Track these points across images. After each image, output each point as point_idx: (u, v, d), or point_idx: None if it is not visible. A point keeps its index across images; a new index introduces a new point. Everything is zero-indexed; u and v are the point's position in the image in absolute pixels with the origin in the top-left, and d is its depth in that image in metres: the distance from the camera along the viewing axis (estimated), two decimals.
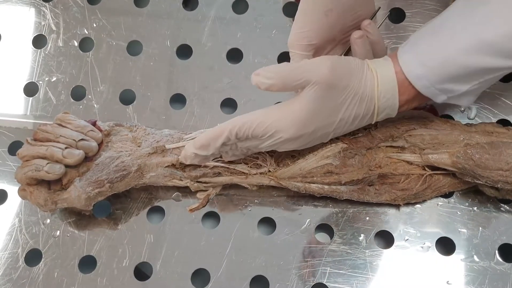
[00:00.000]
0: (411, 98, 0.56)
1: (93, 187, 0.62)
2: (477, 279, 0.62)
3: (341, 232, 0.65)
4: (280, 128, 0.55)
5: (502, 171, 0.58)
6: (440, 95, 0.55)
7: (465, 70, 0.52)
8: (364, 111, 0.56)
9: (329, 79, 0.53)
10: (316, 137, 0.57)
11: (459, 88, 0.54)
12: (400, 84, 0.55)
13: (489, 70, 0.52)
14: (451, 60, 0.52)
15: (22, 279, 0.66)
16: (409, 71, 0.54)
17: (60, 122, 0.65)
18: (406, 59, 0.54)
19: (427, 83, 0.54)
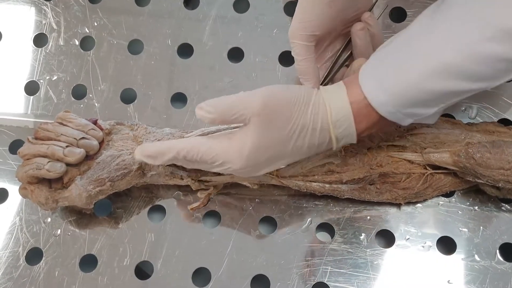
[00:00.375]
0: (372, 123, 0.54)
1: (94, 186, 0.62)
2: (478, 279, 0.62)
3: (342, 231, 0.65)
4: (228, 160, 0.54)
5: (503, 170, 0.58)
6: (406, 119, 0.53)
7: (430, 95, 0.50)
8: (318, 140, 0.55)
9: (262, 115, 0.52)
10: (272, 165, 0.56)
11: (426, 111, 0.53)
12: (362, 110, 0.53)
13: (455, 93, 0.50)
14: (414, 85, 0.50)
15: (23, 278, 0.66)
16: (372, 98, 0.52)
17: (61, 120, 0.65)
18: (369, 86, 0.52)
19: (391, 109, 0.52)
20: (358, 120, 0.54)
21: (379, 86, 0.51)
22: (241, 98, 0.53)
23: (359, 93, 0.53)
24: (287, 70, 0.73)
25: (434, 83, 0.49)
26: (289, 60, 0.73)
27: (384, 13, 0.73)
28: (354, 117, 0.54)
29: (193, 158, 0.55)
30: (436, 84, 0.49)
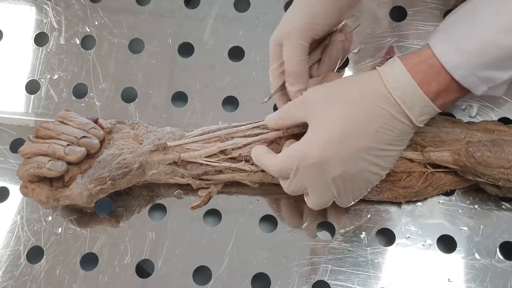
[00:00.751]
0: (444, 87, 0.51)
1: (95, 184, 0.62)
2: (478, 277, 0.62)
3: (343, 230, 0.65)
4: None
5: (503, 169, 0.58)
6: (480, 86, 0.50)
7: (504, 52, 0.48)
8: (390, 112, 0.52)
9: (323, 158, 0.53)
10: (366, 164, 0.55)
11: (501, 75, 0.50)
12: (429, 71, 0.50)
13: None
14: (491, 41, 0.47)
15: (23, 276, 0.67)
16: (446, 60, 0.49)
17: (62, 119, 0.65)
18: (441, 48, 0.50)
19: (466, 71, 0.49)
20: (426, 81, 0.51)
21: (452, 47, 0.49)
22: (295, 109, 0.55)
23: (424, 56, 0.51)
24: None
25: (507, 39, 0.47)
26: None
27: (385, 12, 0.73)
28: (421, 79, 0.51)
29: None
30: (507, 40, 0.47)
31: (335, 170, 0.53)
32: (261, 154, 0.59)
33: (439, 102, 0.52)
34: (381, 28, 0.73)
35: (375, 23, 0.73)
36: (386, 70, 0.52)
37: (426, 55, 0.51)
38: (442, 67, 0.50)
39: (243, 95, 0.73)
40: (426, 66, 0.51)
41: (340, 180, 0.54)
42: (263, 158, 0.58)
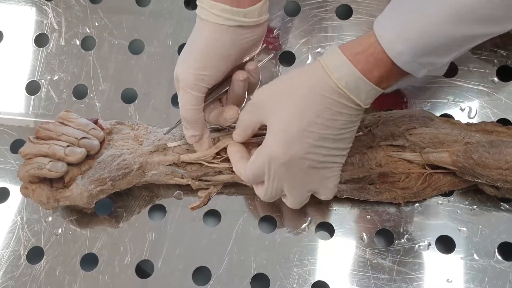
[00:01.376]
0: (385, 72, 0.52)
1: (95, 185, 0.62)
2: (476, 277, 0.62)
3: (342, 231, 0.65)
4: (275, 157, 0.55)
5: (501, 170, 0.58)
6: (421, 70, 0.52)
7: (447, 41, 0.50)
8: (337, 100, 0.53)
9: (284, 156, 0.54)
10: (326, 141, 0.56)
11: (441, 60, 0.52)
12: (369, 59, 0.52)
13: (472, 37, 0.50)
14: (435, 31, 0.49)
15: (24, 277, 0.67)
16: (388, 48, 0.50)
17: (62, 120, 0.65)
18: (385, 36, 0.51)
19: (408, 58, 0.50)
20: (368, 69, 0.52)
21: (396, 35, 0.50)
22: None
23: (365, 44, 0.52)
24: (287, 70, 0.73)
25: (451, 28, 0.49)
26: (289, 60, 0.74)
27: None
28: (362, 67, 0.52)
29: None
30: (452, 28, 0.49)
31: (303, 164, 0.55)
32: (235, 162, 0.60)
33: (383, 85, 0.54)
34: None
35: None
36: (328, 61, 0.53)
37: (368, 42, 0.52)
38: (384, 53, 0.51)
39: None
40: (367, 54, 0.52)
41: (310, 172, 0.56)
42: (237, 166, 0.60)
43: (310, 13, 0.75)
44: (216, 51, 0.56)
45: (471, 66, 0.70)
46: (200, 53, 0.56)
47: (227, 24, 0.56)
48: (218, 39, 0.56)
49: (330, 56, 0.53)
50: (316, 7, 0.75)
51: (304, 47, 0.74)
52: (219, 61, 0.57)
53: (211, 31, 0.56)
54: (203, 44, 0.56)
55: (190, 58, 0.57)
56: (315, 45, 0.74)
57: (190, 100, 0.57)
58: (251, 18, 0.56)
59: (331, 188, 0.59)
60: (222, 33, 0.56)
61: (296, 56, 0.73)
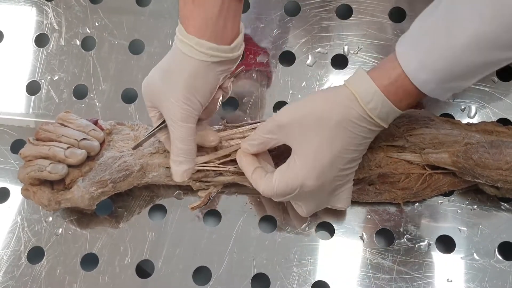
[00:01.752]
0: (413, 100, 0.54)
1: (96, 187, 0.62)
2: (477, 277, 0.62)
3: (342, 230, 0.65)
4: (301, 183, 0.56)
5: (501, 170, 0.58)
6: (445, 94, 0.54)
7: (471, 68, 0.51)
8: (367, 127, 0.55)
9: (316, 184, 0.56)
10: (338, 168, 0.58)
11: (466, 84, 0.53)
12: (399, 90, 0.53)
13: (494, 63, 0.51)
14: (456, 59, 0.50)
15: (24, 277, 0.67)
16: (414, 77, 0.52)
17: (62, 121, 0.65)
18: (410, 66, 0.52)
19: (434, 86, 0.52)
20: (397, 99, 0.54)
21: (421, 65, 0.51)
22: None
23: (394, 75, 0.53)
24: (287, 70, 0.73)
25: (473, 55, 0.50)
26: (290, 60, 0.74)
27: (385, 13, 0.74)
28: (393, 99, 0.53)
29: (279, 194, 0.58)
30: (474, 56, 0.50)
31: (329, 187, 0.58)
32: (250, 173, 0.60)
33: (406, 108, 0.56)
34: (380, 29, 0.73)
35: (374, 24, 0.73)
36: (360, 91, 0.54)
37: (396, 73, 0.53)
38: (411, 84, 0.53)
39: (242, 96, 0.73)
40: (397, 86, 0.53)
41: (329, 190, 0.59)
42: (253, 177, 0.59)
43: (310, 13, 0.75)
44: (204, 86, 0.58)
45: None
46: (189, 90, 0.57)
47: (213, 61, 0.57)
48: (205, 76, 0.57)
49: (361, 84, 0.54)
50: (316, 7, 0.75)
51: (304, 47, 0.74)
52: (206, 94, 0.58)
53: (197, 67, 0.56)
54: (191, 82, 0.57)
55: (178, 93, 0.57)
56: (315, 45, 0.74)
57: (187, 132, 0.58)
58: (235, 52, 0.58)
59: (348, 197, 0.61)
60: (208, 69, 0.57)
61: (296, 56, 0.73)
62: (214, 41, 0.56)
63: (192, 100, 0.57)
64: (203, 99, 0.58)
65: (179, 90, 0.57)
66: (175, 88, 0.57)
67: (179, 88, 0.57)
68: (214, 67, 0.57)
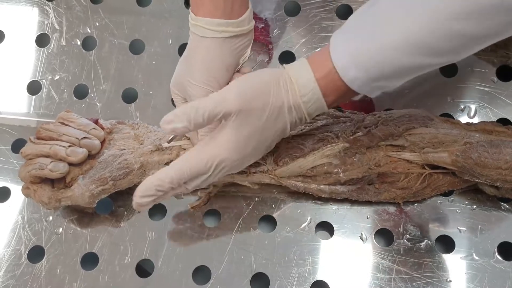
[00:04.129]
0: (341, 96, 0.56)
1: (96, 185, 0.63)
2: (476, 277, 0.62)
3: (342, 230, 0.66)
4: (222, 158, 0.55)
5: (501, 170, 0.58)
6: (375, 91, 0.55)
7: (399, 69, 0.52)
8: (295, 118, 0.56)
9: (240, 108, 0.53)
10: (259, 151, 0.58)
11: (393, 84, 0.55)
12: (329, 85, 0.54)
13: (422, 67, 0.52)
14: (383, 60, 0.51)
15: (25, 276, 0.67)
16: (344, 74, 0.53)
17: (62, 120, 0.65)
18: (341, 62, 0.53)
19: (362, 83, 0.53)
20: (326, 94, 0.55)
21: (351, 62, 0.52)
22: (212, 100, 0.54)
23: (326, 69, 0.54)
24: None
25: (404, 58, 0.51)
26: (290, 60, 0.74)
27: None
28: (323, 92, 0.55)
29: (189, 177, 0.56)
30: (405, 59, 0.51)
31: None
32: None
33: (332, 106, 0.57)
34: None
35: None
36: (298, 78, 0.55)
37: (328, 68, 0.54)
38: (341, 80, 0.54)
39: None
40: (327, 80, 0.54)
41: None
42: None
43: (310, 13, 0.75)
44: (219, 63, 0.59)
45: (471, 66, 0.70)
46: (205, 67, 0.59)
47: (225, 36, 0.59)
48: (219, 52, 0.59)
49: (299, 71, 0.55)
50: (316, 7, 0.75)
51: (304, 47, 0.74)
52: (223, 72, 0.60)
53: (210, 45, 0.59)
54: (206, 59, 0.59)
55: (196, 73, 0.59)
56: (315, 45, 0.74)
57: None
58: (243, 26, 0.60)
59: None
60: (221, 45, 0.59)
61: (296, 56, 0.74)
62: (224, 18, 0.58)
63: (209, 79, 0.59)
64: (220, 77, 0.59)
65: (196, 70, 0.59)
66: (192, 69, 0.59)
67: (196, 69, 0.59)
68: (227, 44, 0.59)
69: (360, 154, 0.62)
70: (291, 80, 0.55)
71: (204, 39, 0.59)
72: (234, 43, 0.60)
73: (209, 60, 0.59)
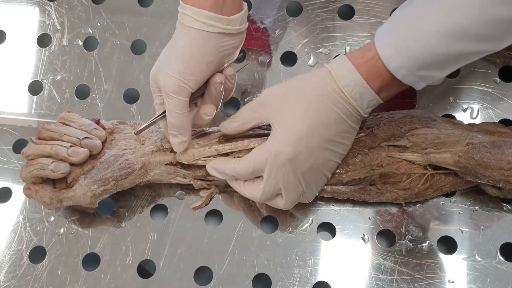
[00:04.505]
0: (386, 83, 0.55)
1: (98, 185, 0.63)
2: (478, 278, 0.62)
3: (344, 231, 0.65)
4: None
5: (503, 171, 0.58)
6: (420, 82, 0.55)
7: (442, 57, 0.52)
8: (344, 111, 0.56)
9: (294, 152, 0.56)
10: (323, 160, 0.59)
11: (439, 74, 0.55)
12: (372, 70, 0.55)
13: (466, 54, 0.53)
14: (430, 48, 0.52)
15: (26, 276, 0.67)
16: (388, 62, 0.54)
17: (64, 121, 0.65)
18: (385, 50, 0.54)
19: (407, 72, 0.54)
20: (370, 79, 0.55)
21: (394, 51, 0.53)
22: (255, 109, 0.57)
23: (368, 56, 0.55)
24: (289, 70, 0.73)
25: (446, 45, 0.51)
26: (291, 60, 0.74)
27: (387, 12, 0.73)
28: (366, 77, 0.55)
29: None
30: (446, 46, 0.51)
31: (306, 163, 0.57)
32: (224, 163, 0.60)
33: (382, 95, 0.57)
34: None
35: (376, 24, 0.73)
36: (335, 69, 0.56)
37: (371, 54, 0.55)
38: (384, 66, 0.54)
39: (244, 96, 0.73)
40: (369, 66, 0.55)
41: (308, 173, 0.58)
42: (227, 165, 0.60)
43: (312, 13, 0.75)
44: (200, 57, 0.57)
45: (474, 67, 0.70)
46: (184, 59, 0.57)
47: (211, 31, 0.57)
48: (202, 46, 0.57)
49: (337, 63, 0.56)
50: (318, 7, 0.75)
51: (306, 47, 0.74)
52: (202, 67, 0.58)
53: (194, 37, 0.57)
54: (187, 51, 0.57)
55: (173, 63, 0.57)
56: (317, 46, 0.74)
57: (176, 105, 0.58)
58: (234, 26, 0.58)
59: (314, 192, 0.61)
60: (206, 40, 0.57)
61: (298, 57, 0.74)
62: (215, 12, 0.56)
63: (186, 71, 0.57)
64: (199, 72, 0.58)
65: (174, 60, 0.57)
66: (171, 59, 0.58)
67: (175, 59, 0.57)
68: (212, 40, 0.57)
69: (362, 155, 0.62)
70: (329, 72, 0.56)
71: (189, 29, 0.57)
72: (220, 41, 0.58)
73: (190, 52, 0.57)
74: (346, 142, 0.59)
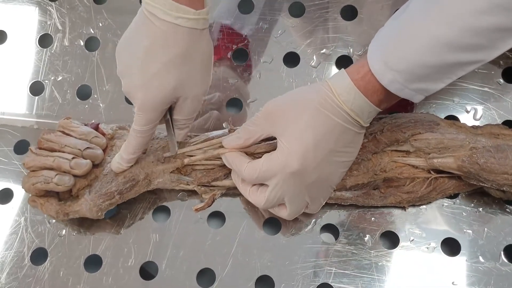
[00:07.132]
0: (384, 97, 0.55)
1: (103, 199, 0.62)
2: (482, 280, 0.62)
3: (347, 233, 0.65)
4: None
5: (507, 175, 0.57)
6: (416, 95, 0.55)
7: (435, 69, 0.52)
8: (346, 117, 0.56)
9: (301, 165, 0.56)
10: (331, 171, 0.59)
11: (434, 87, 0.54)
12: (369, 84, 0.55)
13: (455, 65, 0.52)
14: (417, 61, 0.51)
15: (27, 278, 0.67)
16: (381, 78, 0.53)
17: (63, 129, 0.64)
18: (376, 66, 0.54)
19: (400, 86, 0.53)
20: (367, 94, 0.55)
21: (385, 66, 0.53)
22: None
23: (363, 72, 0.55)
24: (292, 71, 0.73)
25: (435, 57, 0.51)
26: (294, 61, 0.73)
27: (387, 14, 0.73)
28: (362, 91, 0.55)
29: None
30: (436, 58, 0.51)
31: (312, 177, 0.57)
32: (236, 158, 0.60)
33: (383, 106, 0.57)
34: None
35: (378, 26, 0.73)
36: (334, 83, 0.56)
37: (364, 70, 0.55)
38: (378, 82, 0.54)
39: (246, 97, 0.73)
40: (366, 81, 0.55)
41: (314, 185, 0.58)
42: (237, 161, 0.60)
43: (315, 14, 0.75)
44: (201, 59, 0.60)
45: (477, 68, 0.70)
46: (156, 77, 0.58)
47: (176, 23, 0.57)
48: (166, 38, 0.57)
49: (336, 78, 0.56)
50: (321, 8, 0.75)
51: (309, 48, 0.73)
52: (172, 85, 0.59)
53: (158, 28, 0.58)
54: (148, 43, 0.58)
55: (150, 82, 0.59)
56: (319, 46, 0.73)
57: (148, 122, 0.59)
58: (197, 16, 0.58)
59: (321, 202, 0.62)
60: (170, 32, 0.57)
61: (301, 57, 0.73)
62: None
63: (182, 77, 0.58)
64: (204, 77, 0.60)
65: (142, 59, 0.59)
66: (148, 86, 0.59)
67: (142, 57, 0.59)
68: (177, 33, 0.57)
69: (365, 160, 0.62)
70: (330, 86, 0.56)
71: (152, 17, 0.57)
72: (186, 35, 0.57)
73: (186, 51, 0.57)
74: (352, 150, 0.59)
